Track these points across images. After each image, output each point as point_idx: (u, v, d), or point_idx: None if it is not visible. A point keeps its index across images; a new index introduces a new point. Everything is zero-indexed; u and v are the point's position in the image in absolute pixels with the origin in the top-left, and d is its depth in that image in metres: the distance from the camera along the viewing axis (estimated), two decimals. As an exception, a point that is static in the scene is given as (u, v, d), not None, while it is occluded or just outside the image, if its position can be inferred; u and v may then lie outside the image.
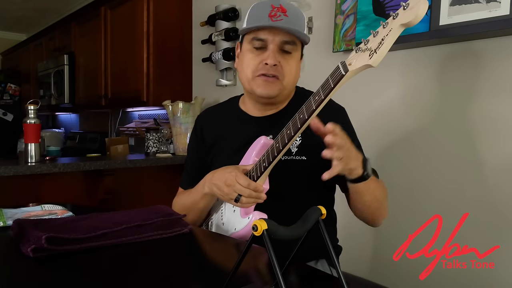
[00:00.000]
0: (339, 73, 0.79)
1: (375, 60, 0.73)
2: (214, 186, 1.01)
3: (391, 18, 0.72)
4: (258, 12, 1.05)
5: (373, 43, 0.74)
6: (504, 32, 1.36)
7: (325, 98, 0.82)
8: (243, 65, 1.09)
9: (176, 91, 2.78)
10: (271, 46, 1.04)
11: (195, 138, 1.25)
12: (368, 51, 0.75)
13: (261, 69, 1.05)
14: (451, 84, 1.53)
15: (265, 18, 1.02)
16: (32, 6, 4.35)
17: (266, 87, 1.06)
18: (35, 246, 0.75)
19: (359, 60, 0.76)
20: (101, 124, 3.86)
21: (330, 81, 0.81)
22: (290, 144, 0.90)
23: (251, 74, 1.07)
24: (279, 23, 1.01)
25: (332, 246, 0.62)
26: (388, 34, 0.72)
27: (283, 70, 1.06)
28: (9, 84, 4.70)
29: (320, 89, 0.83)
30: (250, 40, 1.06)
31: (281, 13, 1.02)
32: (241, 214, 1.00)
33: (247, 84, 1.09)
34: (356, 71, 0.77)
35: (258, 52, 1.06)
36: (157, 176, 2.46)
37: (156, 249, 0.86)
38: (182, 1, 2.82)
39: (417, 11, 0.69)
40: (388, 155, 1.71)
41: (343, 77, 0.78)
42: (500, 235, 1.41)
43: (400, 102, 1.69)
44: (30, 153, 1.98)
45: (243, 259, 0.58)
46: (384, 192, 1.06)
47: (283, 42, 1.04)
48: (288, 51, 1.06)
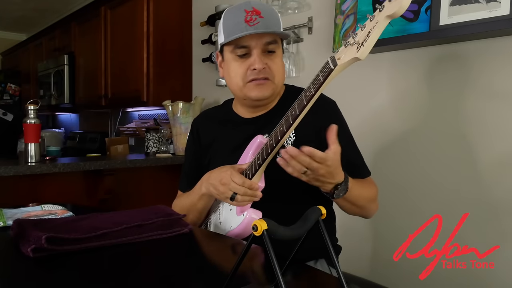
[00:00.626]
0: (328, 67, 0.80)
1: (362, 53, 0.74)
2: (210, 186, 1.02)
3: (377, 10, 0.73)
4: (233, 20, 1.04)
5: (361, 36, 0.75)
6: (504, 32, 1.36)
7: (315, 93, 0.82)
8: (231, 75, 1.09)
9: (176, 91, 2.78)
10: (256, 51, 1.04)
11: (191, 140, 1.26)
12: (356, 44, 0.75)
13: (250, 75, 1.05)
14: (451, 84, 1.53)
15: (243, 25, 1.01)
16: (32, 6, 4.35)
17: (259, 90, 1.06)
18: (35, 246, 0.75)
19: (347, 54, 0.77)
20: (101, 124, 3.86)
21: (320, 76, 0.81)
22: (284, 140, 0.91)
23: (242, 82, 1.07)
24: (258, 26, 1.01)
25: (332, 245, 0.62)
26: (375, 26, 0.73)
27: (272, 70, 1.06)
28: (9, 84, 4.70)
29: (310, 85, 0.84)
30: (232, 49, 1.06)
31: (256, 15, 1.01)
32: (237, 212, 1.01)
33: (239, 92, 1.10)
34: (345, 65, 0.78)
35: (243, 59, 1.06)
36: (157, 176, 2.46)
37: (156, 249, 0.86)
38: (182, 1, 2.82)
39: (400, 2, 0.69)
40: (387, 155, 1.71)
41: (332, 71, 0.79)
42: (500, 235, 1.41)
43: (400, 102, 1.69)
44: (30, 153, 1.98)
45: (243, 259, 0.58)
46: (369, 197, 1.08)
47: (266, 43, 1.04)
48: (272, 51, 1.06)
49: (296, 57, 2.08)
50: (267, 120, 1.11)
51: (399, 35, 1.55)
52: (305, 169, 0.87)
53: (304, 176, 0.90)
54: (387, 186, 1.67)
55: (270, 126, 0.98)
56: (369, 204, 1.08)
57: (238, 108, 1.20)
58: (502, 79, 1.40)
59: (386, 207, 1.68)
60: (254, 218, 0.96)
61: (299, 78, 2.06)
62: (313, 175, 0.89)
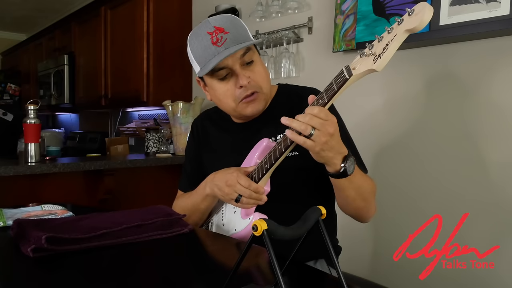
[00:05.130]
0: (343, 77, 0.79)
1: (379, 65, 0.74)
2: (215, 186, 1.02)
3: (396, 23, 0.73)
4: (200, 46, 1.01)
5: (378, 48, 0.75)
6: (504, 32, 1.36)
7: (328, 101, 0.82)
8: (220, 98, 1.08)
9: (176, 91, 2.78)
10: (235, 68, 1.01)
11: (192, 140, 1.26)
12: (373, 56, 0.75)
13: (240, 94, 1.04)
14: (452, 84, 1.53)
15: (212, 49, 0.99)
16: (32, 6, 4.35)
17: (252, 106, 1.06)
18: (35, 246, 0.75)
19: (363, 64, 0.77)
20: (101, 124, 3.86)
21: (334, 84, 0.81)
22: (293, 146, 0.90)
23: (234, 103, 1.06)
24: (228, 43, 0.98)
25: (332, 246, 0.62)
26: (393, 39, 0.73)
27: (257, 82, 1.04)
28: (9, 84, 4.70)
29: (323, 93, 0.83)
30: (212, 75, 1.04)
31: (221, 34, 0.99)
32: (242, 215, 1.00)
33: (233, 112, 1.09)
34: (360, 76, 0.78)
35: (226, 80, 1.04)
36: (157, 176, 2.46)
37: (156, 249, 0.86)
38: (182, 1, 2.82)
39: (422, 17, 0.69)
40: (387, 155, 1.71)
41: (347, 81, 0.79)
42: (500, 235, 1.41)
43: (400, 102, 1.69)
44: (30, 153, 1.98)
45: (243, 259, 0.58)
46: (370, 189, 1.03)
47: (241, 56, 1.01)
48: (250, 61, 1.04)
49: (296, 57, 2.08)
50: (265, 118, 1.11)
51: (399, 35, 1.55)
52: (310, 129, 0.80)
53: (311, 142, 0.82)
54: (387, 186, 1.67)
55: (269, 125, 0.98)
56: (371, 197, 1.03)
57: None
58: (502, 79, 1.40)
59: (386, 208, 1.68)
60: None
61: (299, 78, 2.06)
62: (321, 135, 0.81)
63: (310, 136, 0.81)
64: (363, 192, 1.00)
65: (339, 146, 0.86)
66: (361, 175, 1.00)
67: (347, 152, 0.89)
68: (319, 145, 0.82)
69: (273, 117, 0.93)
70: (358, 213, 1.06)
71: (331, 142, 0.83)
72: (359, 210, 1.04)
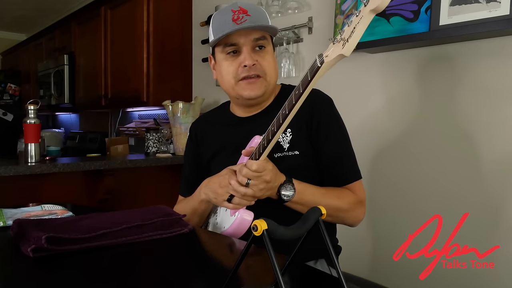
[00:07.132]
0: (315, 65, 0.79)
1: (347, 49, 0.72)
2: (209, 191, 1.04)
3: (363, 5, 0.71)
4: (221, 21, 1.05)
5: (347, 32, 0.73)
6: (504, 32, 1.36)
7: (303, 92, 0.81)
8: (223, 74, 1.10)
9: (176, 91, 2.78)
10: (245, 48, 1.05)
11: (190, 144, 1.27)
12: (342, 41, 0.74)
13: (241, 72, 1.06)
14: (451, 84, 1.53)
15: (230, 24, 1.02)
16: (32, 6, 4.35)
17: (251, 88, 1.07)
18: (35, 246, 0.75)
19: (334, 51, 0.75)
20: (101, 124, 3.86)
21: (308, 74, 0.81)
22: (275, 140, 0.89)
23: (233, 80, 1.08)
24: (245, 24, 1.02)
25: (332, 246, 0.62)
26: (359, 21, 0.71)
27: (263, 67, 1.06)
28: (9, 84, 4.69)
29: (299, 83, 0.83)
30: (222, 49, 1.07)
31: (243, 14, 1.03)
32: (230, 213, 1.02)
33: (232, 91, 1.10)
34: (331, 63, 0.77)
35: (233, 57, 1.07)
36: (157, 176, 2.46)
37: (156, 249, 0.86)
38: (182, 1, 2.82)
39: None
40: (387, 155, 1.71)
41: (319, 69, 0.78)
42: (500, 235, 1.41)
43: (400, 102, 1.69)
44: (30, 153, 1.98)
45: (243, 259, 0.58)
46: (335, 205, 1.04)
47: (255, 39, 1.05)
48: (262, 46, 1.07)
49: (296, 57, 2.08)
50: (263, 119, 1.10)
51: (399, 35, 1.55)
52: (246, 180, 0.93)
53: (251, 191, 0.94)
54: (387, 187, 1.67)
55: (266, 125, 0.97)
56: (338, 213, 1.05)
57: (235, 109, 1.20)
58: (502, 79, 1.40)
59: (386, 207, 1.68)
60: (245, 219, 0.97)
61: (299, 78, 2.06)
62: (258, 183, 0.93)
63: (247, 185, 0.93)
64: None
65: (278, 182, 0.98)
66: (321, 195, 1.03)
67: (283, 181, 0.98)
68: (258, 191, 0.95)
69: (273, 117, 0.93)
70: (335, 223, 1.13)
71: (269, 186, 0.96)
72: (332, 223, 1.11)
